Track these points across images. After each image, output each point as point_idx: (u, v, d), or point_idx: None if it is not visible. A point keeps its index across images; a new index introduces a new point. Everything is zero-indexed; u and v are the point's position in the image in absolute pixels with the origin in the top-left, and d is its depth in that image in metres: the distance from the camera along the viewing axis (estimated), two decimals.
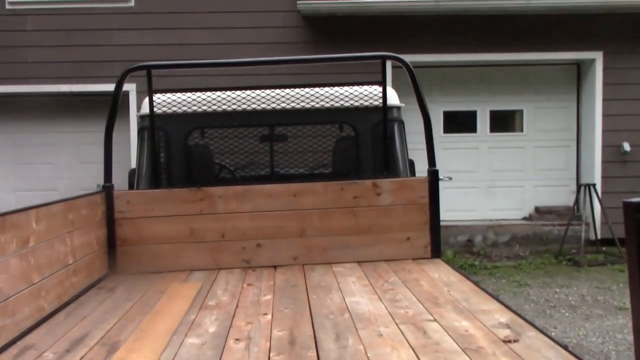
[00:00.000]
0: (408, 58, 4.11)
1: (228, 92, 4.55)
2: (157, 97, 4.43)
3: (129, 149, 9.02)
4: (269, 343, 2.52)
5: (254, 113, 4.56)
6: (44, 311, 2.96)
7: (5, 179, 9.57)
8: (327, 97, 4.54)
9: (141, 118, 4.58)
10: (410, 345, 2.42)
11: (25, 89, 9.22)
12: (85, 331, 2.77)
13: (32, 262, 2.89)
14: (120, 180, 4.28)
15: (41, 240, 3.00)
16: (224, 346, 2.50)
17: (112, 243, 3.97)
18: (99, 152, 9.07)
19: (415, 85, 4.02)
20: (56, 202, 3.28)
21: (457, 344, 2.42)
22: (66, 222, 3.34)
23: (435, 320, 2.74)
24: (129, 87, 8.86)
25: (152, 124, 4.33)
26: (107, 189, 3.99)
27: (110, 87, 8.64)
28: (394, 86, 5.10)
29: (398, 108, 4.72)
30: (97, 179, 9.09)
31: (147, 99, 4.43)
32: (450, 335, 2.52)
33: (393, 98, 4.70)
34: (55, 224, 3.19)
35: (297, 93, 4.52)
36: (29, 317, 2.80)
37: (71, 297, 3.31)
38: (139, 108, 8.65)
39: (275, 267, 4.00)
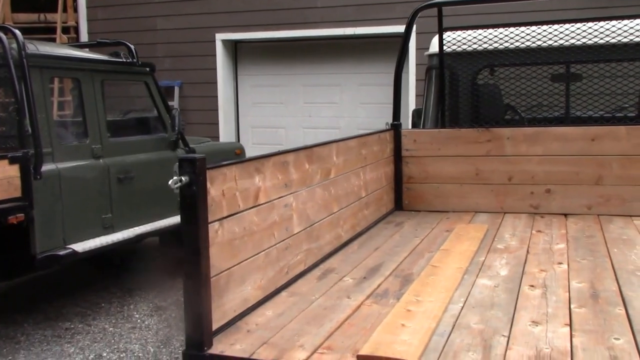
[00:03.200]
0: None
1: (519, 28, 4.29)
2: (446, 36, 4.36)
3: (407, 89, 9.16)
4: (567, 294, 2.37)
5: (548, 50, 4.25)
6: (341, 239, 3.17)
7: (294, 117, 10.43)
8: (636, 31, 4.03)
9: (429, 57, 4.56)
10: None
11: (314, 33, 9.82)
12: (379, 261, 2.90)
13: (332, 193, 3.09)
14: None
15: (339, 173, 3.19)
16: (519, 291, 2.42)
17: (398, 180, 4.08)
18: (377, 93, 9.55)
19: None
20: (352, 137, 3.44)
21: None
22: (360, 157, 3.50)
23: None
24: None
25: (441, 63, 4.29)
26: (396, 127, 4.09)
27: (389, 28, 8.94)
28: None
29: None
30: (373, 120, 9.54)
31: (435, 38, 4.38)
32: None
33: None
34: (351, 159, 3.36)
35: (601, 27, 4.08)
36: (329, 243, 3.02)
37: (363, 228, 3.49)
38: (418, 49, 8.73)
39: (565, 215, 3.76)
